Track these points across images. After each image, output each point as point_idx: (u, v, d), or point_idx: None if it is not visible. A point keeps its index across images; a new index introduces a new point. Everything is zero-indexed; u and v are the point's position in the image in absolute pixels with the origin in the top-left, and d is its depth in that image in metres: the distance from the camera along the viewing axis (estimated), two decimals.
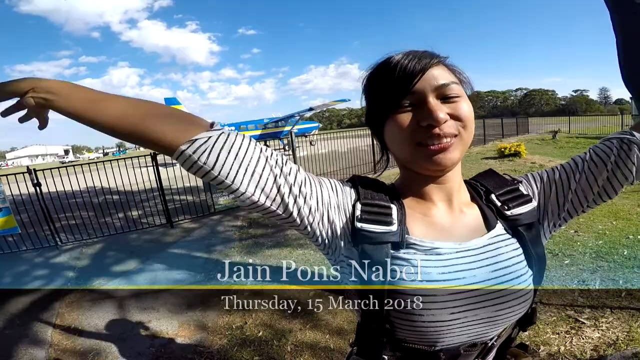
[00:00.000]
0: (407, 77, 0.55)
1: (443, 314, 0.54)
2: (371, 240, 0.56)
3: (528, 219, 0.62)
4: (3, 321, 3.12)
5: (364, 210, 0.58)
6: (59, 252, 4.91)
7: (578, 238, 3.74)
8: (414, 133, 0.56)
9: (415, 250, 0.57)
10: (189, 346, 2.55)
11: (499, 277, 0.57)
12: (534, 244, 0.62)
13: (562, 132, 16.61)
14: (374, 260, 0.55)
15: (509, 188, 0.65)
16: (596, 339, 2.16)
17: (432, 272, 0.55)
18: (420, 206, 0.63)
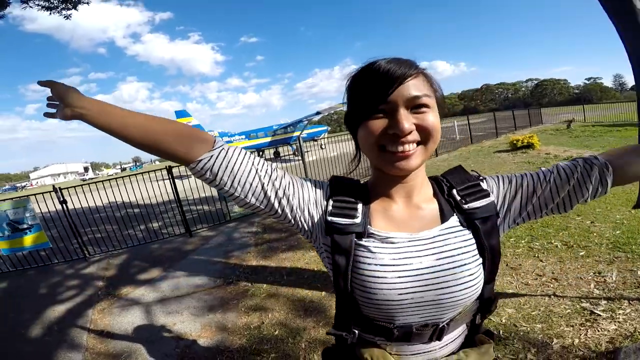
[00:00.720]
0: (383, 87, 0.61)
1: (393, 294, 0.63)
2: (339, 231, 0.67)
3: (484, 213, 0.68)
4: (43, 328, 3.32)
5: (335, 205, 0.69)
6: (88, 263, 5.12)
7: (594, 229, 3.65)
8: (381, 137, 0.63)
9: (374, 239, 0.67)
10: (211, 346, 2.65)
11: (443, 265, 0.64)
12: (488, 235, 0.68)
13: (577, 121, 16.12)
14: (342, 247, 0.66)
15: (470, 184, 0.72)
16: (612, 331, 2.11)
17: (385, 258, 0.65)
18: (383, 202, 0.72)
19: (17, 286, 4.64)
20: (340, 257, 0.66)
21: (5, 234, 5.07)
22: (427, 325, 0.67)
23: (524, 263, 3.17)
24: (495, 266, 0.69)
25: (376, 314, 0.67)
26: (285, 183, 0.70)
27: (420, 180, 0.72)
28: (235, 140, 23.77)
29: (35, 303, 3.93)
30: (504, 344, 2.15)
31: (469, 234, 0.68)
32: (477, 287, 0.66)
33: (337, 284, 0.67)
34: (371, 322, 0.68)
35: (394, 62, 0.62)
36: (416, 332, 0.67)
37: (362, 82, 0.64)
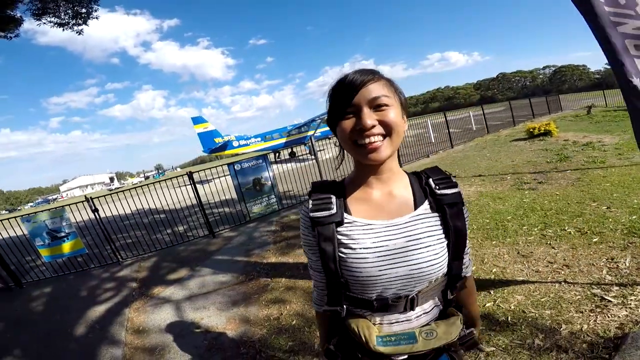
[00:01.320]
0: (349, 93, 0.76)
1: (373, 270, 0.78)
2: (320, 223, 0.81)
3: (451, 199, 0.82)
4: (86, 327, 3.61)
5: (313, 204, 0.84)
6: (121, 267, 5.47)
7: (610, 214, 3.58)
8: (352, 133, 0.77)
9: (355, 226, 0.81)
10: (236, 337, 2.85)
11: (412, 246, 0.78)
12: (454, 218, 0.81)
13: (597, 106, 15.50)
14: (325, 236, 0.80)
15: (444, 176, 0.86)
16: (623, 317, 2.10)
17: (367, 241, 0.79)
18: (362, 193, 0.85)
19: (60, 290, 5.01)
20: (325, 244, 0.80)
21: (46, 242, 5.48)
22: (400, 297, 0.81)
23: (535, 250, 3.18)
24: (460, 246, 0.82)
25: (360, 290, 0.81)
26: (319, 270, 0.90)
27: (394, 171, 0.85)
28: (252, 143, 24.16)
29: (77, 304, 4.26)
30: (512, 330, 2.20)
31: (437, 219, 0.82)
32: (441, 264, 0.80)
33: (327, 268, 0.82)
34: (355, 298, 0.83)
35: (357, 72, 0.77)
36: (392, 303, 0.81)
37: (335, 91, 0.80)
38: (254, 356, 2.54)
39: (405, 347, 0.81)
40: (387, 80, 0.81)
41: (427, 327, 0.83)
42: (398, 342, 0.81)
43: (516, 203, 4.57)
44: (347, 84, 0.77)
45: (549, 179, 5.42)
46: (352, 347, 0.88)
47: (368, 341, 0.81)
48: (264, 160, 6.77)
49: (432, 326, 0.83)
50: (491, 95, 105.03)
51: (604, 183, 4.66)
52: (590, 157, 6.37)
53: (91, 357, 3.02)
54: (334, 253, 0.80)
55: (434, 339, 0.81)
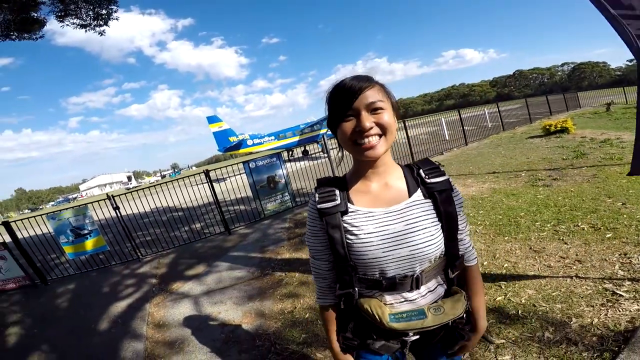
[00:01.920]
0: (349, 98, 0.85)
1: (378, 252, 0.88)
2: (327, 214, 0.92)
3: (440, 187, 0.92)
4: (109, 322, 3.76)
5: (320, 196, 0.95)
6: (141, 263, 5.66)
7: (625, 210, 3.54)
8: (352, 135, 0.87)
9: (358, 214, 0.91)
10: (251, 331, 2.95)
11: (410, 229, 0.88)
12: (444, 203, 0.91)
13: (617, 103, 15.03)
14: (332, 224, 0.91)
15: (433, 166, 0.96)
16: (634, 311, 2.10)
17: (369, 227, 0.89)
18: (362, 185, 0.95)
19: (83, 287, 5.22)
20: (333, 231, 0.91)
21: (70, 240, 5.71)
22: (406, 276, 0.90)
23: (547, 246, 3.17)
24: (452, 228, 0.92)
25: (368, 271, 0.91)
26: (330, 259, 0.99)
27: (388, 164, 0.95)
28: (266, 141, 24.38)
29: (100, 300, 4.43)
30: (522, 323, 2.22)
31: (430, 204, 0.92)
32: (437, 244, 0.90)
33: (336, 253, 0.92)
34: (365, 279, 0.92)
35: (355, 79, 0.87)
36: (399, 282, 0.90)
37: (335, 96, 0.89)
38: (269, 348, 2.63)
39: (416, 323, 0.89)
40: (381, 85, 0.90)
41: (435, 304, 0.92)
42: (409, 318, 0.90)
43: (530, 199, 4.53)
44: (346, 90, 0.86)
45: (564, 176, 5.34)
46: (366, 330, 0.97)
47: (381, 319, 0.90)
48: (278, 158, 6.88)
49: (439, 303, 0.93)
50: (507, 93, 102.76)
51: (620, 180, 4.56)
52: (608, 153, 6.22)
53: (114, 351, 3.15)
54: (342, 239, 0.90)
55: (441, 314, 0.90)
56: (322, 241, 0.97)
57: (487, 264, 3.11)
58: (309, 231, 1.00)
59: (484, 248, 3.42)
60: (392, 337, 0.97)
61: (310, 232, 1.00)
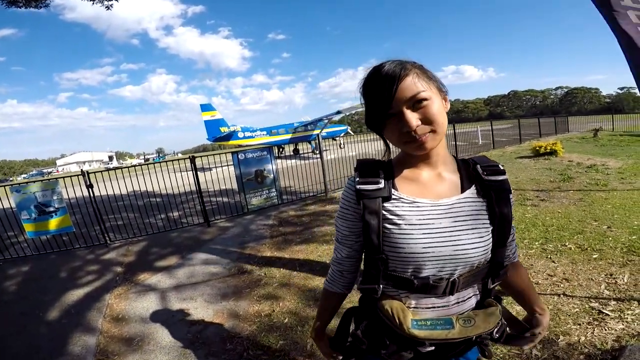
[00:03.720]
0: (386, 96, 0.74)
1: (418, 247, 0.76)
2: (367, 196, 0.80)
3: (499, 186, 0.81)
4: (60, 311, 3.42)
5: (361, 177, 0.83)
6: (108, 249, 5.30)
7: (610, 233, 3.61)
8: (400, 137, 0.77)
9: (402, 202, 0.80)
10: (222, 332, 2.72)
11: (458, 226, 0.78)
12: (500, 204, 0.80)
13: (604, 130, 15.58)
14: (371, 209, 0.79)
15: (492, 164, 0.85)
16: (619, 330, 2.13)
17: (412, 218, 0.78)
18: (411, 172, 0.84)
19: (39, 270, 4.79)
20: (370, 216, 0.79)
21: (32, 217, 5.22)
22: (442, 279, 0.79)
23: (535, 263, 3.17)
24: (505, 232, 0.82)
25: (401, 268, 0.80)
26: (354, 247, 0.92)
27: (442, 154, 0.84)
28: (257, 135, 24.10)
29: (55, 286, 4.07)
30: None
31: (483, 204, 0.81)
32: (485, 248, 0.80)
33: (369, 242, 0.80)
34: (395, 276, 0.81)
35: (388, 70, 0.75)
36: (432, 284, 0.78)
37: (369, 92, 0.78)
38: (241, 353, 2.43)
39: (440, 333, 0.77)
40: (419, 68, 0.78)
41: (466, 314, 0.81)
42: (434, 326, 0.78)
43: (518, 218, 4.51)
44: (380, 85, 0.75)
45: (551, 197, 5.38)
46: (380, 333, 0.85)
47: (402, 323, 0.77)
48: (269, 152, 6.67)
49: (470, 314, 0.81)
50: (500, 112, 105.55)
51: (605, 205, 4.66)
52: (594, 179, 6.33)
53: (62, 344, 2.85)
54: (379, 227, 0.79)
55: (471, 327, 0.78)
56: (352, 226, 0.87)
57: None
58: (340, 213, 0.90)
59: None
60: (406, 346, 0.83)
61: (341, 214, 0.89)
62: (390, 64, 0.76)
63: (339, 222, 0.91)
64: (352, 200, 0.84)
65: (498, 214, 0.80)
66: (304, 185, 7.86)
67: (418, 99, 0.74)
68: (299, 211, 6.38)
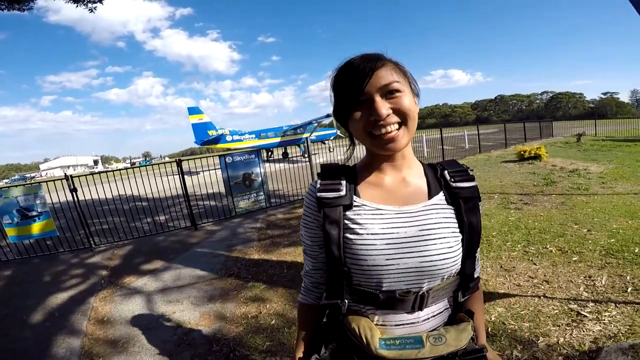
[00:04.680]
0: (358, 82, 0.70)
1: (381, 259, 0.71)
2: (328, 205, 0.75)
3: (467, 193, 0.77)
4: (44, 314, 3.38)
5: (322, 184, 0.78)
6: (93, 253, 5.23)
7: (590, 236, 3.70)
8: (366, 125, 0.72)
9: (364, 210, 0.75)
10: (208, 334, 2.72)
11: (425, 236, 0.72)
12: (469, 213, 0.76)
13: (587, 135, 16.03)
14: (332, 218, 0.75)
15: (461, 169, 0.81)
16: (597, 331, 2.17)
17: (375, 227, 0.73)
18: (373, 177, 0.80)
19: (22, 274, 4.71)
20: (331, 226, 0.74)
21: (14, 221, 5.15)
22: (409, 292, 0.74)
23: (517, 265, 3.23)
24: (474, 243, 0.77)
25: (365, 281, 0.75)
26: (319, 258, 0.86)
27: (408, 157, 0.80)
28: (246, 139, 23.96)
29: (38, 290, 4.00)
30: (492, 341, 2.19)
31: (451, 212, 0.76)
32: (455, 259, 0.74)
33: (330, 254, 0.75)
34: (359, 290, 0.76)
35: (363, 58, 0.72)
36: (399, 297, 0.73)
37: (341, 80, 0.74)
38: (227, 354, 2.43)
39: (410, 352, 0.72)
40: (395, 63, 0.75)
41: (436, 332, 0.75)
42: (403, 345, 0.73)
43: (502, 220, 4.61)
44: (353, 71, 0.71)
45: (534, 201, 5.50)
46: (348, 353, 0.79)
47: (370, 343, 0.73)
48: (257, 155, 6.67)
49: (441, 331, 0.75)
50: (487, 117, 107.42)
51: (586, 208, 4.78)
52: (575, 183, 6.50)
53: (46, 347, 2.82)
54: (339, 237, 0.74)
55: (442, 345, 0.73)
56: (314, 235, 0.82)
57: None
58: (303, 221, 0.85)
59: None
60: None
61: (304, 222, 0.84)
62: (367, 54, 0.74)
63: (302, 231, 0.86)
64: (313, 208, 0.80)
65: (467, 223, 0.75)
66: (293, 189, 7.87)
67: (391, 89, 0.71)
68: (287, 214, 6.38)
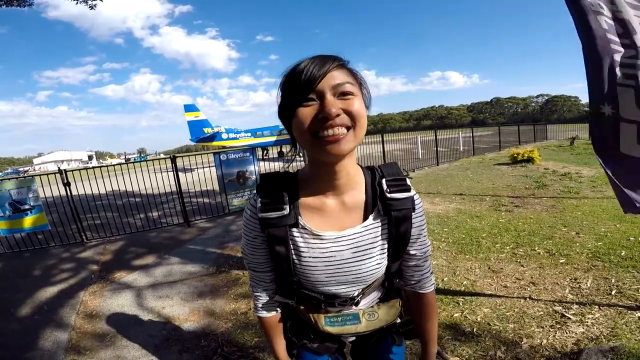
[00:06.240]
0: (311, 77, 0.65)
1: (321, 276, 0.82)
2: (272, 225, 0.77)
3: (400, 205, 0.79)
4: (32, 308, 3.37)
5: (262, 202, 0.78)
6: (85, 248, 5.22)
7: (578, 239, 3.74)
8: (313, 123, 0.66)
9: (307, 234, 0.79)
10: (197, 330, 2.73)
11: (357, 257, 0.81)
12: (399, 223, 0.79)
13: (581, 138, 16.18)
14: (278, 238, 0.78)
15: (398, 177, 0.81)
16: (579, 333, 2.20)
17: (316, 252, 0.80)
18: (316, 199, 0.79)
19: (12, 267, 4.69)
20: (279, 246, 0.79)
21: (6, 214, 5.13)
22: (345, 300, 0.87)
23: (505, 267, 3.26)
24: (401, 250, 0.85)
25: (311, 288, 0.86)
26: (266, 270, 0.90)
27: (351, 174, 0.78)
28: (242, 137, 23.89)
29: (28, 284, 3.99)
30: (477, 341, 2.22)
31: (382, 227, 0.81)
32: (381, 270, 0.86)
33: (280, 268, 0.83)
34: (307, 295, 0.88)
35: (319, 57, 0.69)
36: (339, 302, 0.87)
37: (293, 77, 0.68)
38: (215, 350, 2.44)
39: (350, 327, 0.89)
40: (351, 69, 0.73)
41: (370, 309, 0.91)
42: (344, 322, 0.89)
43: (492, 222, 4.66)
44: (307, 68, 0.66)
45: (525, 204, 5.57)
46: (304, 330, 0.97)
47: (317, 322, 0.89)
48: (252, 153, 6.67)
49: (374, 308, 0.91)
50: (482, 119, 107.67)
51: (575, 212, 4.84)
52: (567, 187, 6.58)
53: (32, 340, 2.81)
54: (288, 254, 0.80)
55: (375, 320, 0.90)
56: (264, 253, 0.85)
57: (447, 279, 3.12)
58: (246, 242, 0.85)
59: (446, 264, 3.44)
60: (330, 338, 0.97)
61: (248, 243, 0.84)
62: (322, 55, 0.70)
63: (249, 251, 0.86)
64: (256, 229, 0.81)
65: (395, 234, 0.80)
66: None
67: (344, 91, 0.67)
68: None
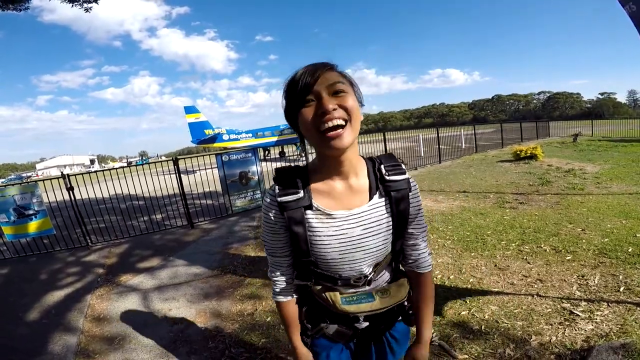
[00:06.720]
0: (307, 81, 0.79)
1: (335, 253, 0.90)
2: (290, 207, 0.88)
3: (398, 186, 0.91)
4: (40, 312, 3.38)
5: (280, 189, 0.90)
6: (90, 251, 5.23)
7: (584, 236, 3.72)
8: (314, 120, 0.79)
9: (320, 213, 0.89)
10: (204, 331, 2.74)
11: (367, 233, 0.90)
12: (399, 202, 0.91)
13: (584, 135, 16.13)
14: (296, 219, 0.88)
15: (395, 163, 0.94)
16: (589, 330, 2.19)
17: (330, 230, 0.89)
18: (326, 184, 0.90)
19: (18, 272, 4.70)
20: (297, 227, 0.88)
21: (11, 220, 5.15)
22: (359, 278, 0.95)
23: (512, 264, 3.25)
24: (402, 227, 0.95)
25: (326, 268, 0.94)
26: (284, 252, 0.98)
27: (353, 162, 0.90)
28: (243, 138, 23.94)
29: (35, 288, 4.00)
30: (485, 339, 2.21)
31: (385, 205, 0.92)
32: (387, 246, 0.95)
33: (298, 249, 0.91)
34: (323, 275, 0.95)
35: (312, 65, 0.82)
36: (353, 280, 0.94)
37: (293, 84, 0.82)
38: (223, 351, 2.44)
39: (365, 305, 0.95)
40: (341, 72, 0.86)
41: (382, 288, 0.99)
42: (359, 301, 0.95)
43: (497, 219, 4.64)
44: (305, 74, 0.79)
45: (529, 201, 5.54)
46: (320, 314, 1.01)
47: (334, 302, 0.94)
48: (254, 154, 6.68)
49: (385, 287, 0.99)
50: (484, 116, 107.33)
51: (580, 208, 4.81)
52: (571, 183, 6.55)
53: (42, 344, 2.82)
54: (306, 235, 0.88)
55: (388, 297, 0.96)
56: (283, 238, 0.94)
57: (453, 277, 3.11)
58: (267, 228, 0.95)
59: (451, 262, 3.43)
60: (344, 322, 1.01)
61: (268, 229, 0.94)
62: (314, 63, 0.83)
63: (268, 237, 0.96)
64: (276, 212, 0.91)
65: (396, 212, 0.91)
66: None
67: (337, 89, 0.79)
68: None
